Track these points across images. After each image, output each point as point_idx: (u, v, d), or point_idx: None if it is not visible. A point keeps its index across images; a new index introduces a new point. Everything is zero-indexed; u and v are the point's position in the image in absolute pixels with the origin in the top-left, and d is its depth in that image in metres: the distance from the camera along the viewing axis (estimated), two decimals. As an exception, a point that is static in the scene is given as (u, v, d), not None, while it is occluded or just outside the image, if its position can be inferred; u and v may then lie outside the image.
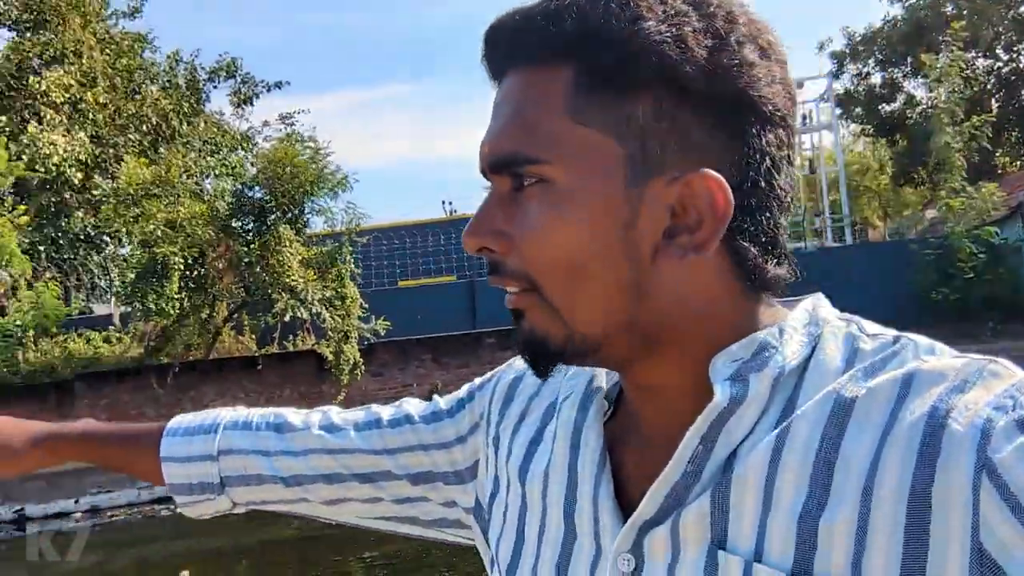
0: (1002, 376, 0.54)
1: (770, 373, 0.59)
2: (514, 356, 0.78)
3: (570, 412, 0.72)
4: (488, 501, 0.80)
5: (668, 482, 0.60)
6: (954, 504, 0.51)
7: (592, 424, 0.69)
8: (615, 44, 0.58)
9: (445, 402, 0.87)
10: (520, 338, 0.64)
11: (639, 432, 0.67)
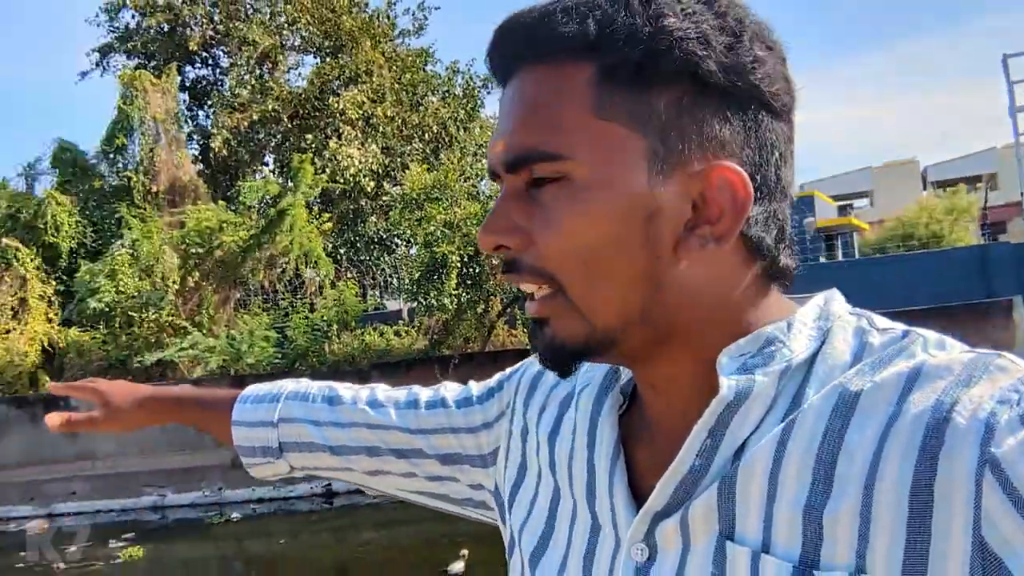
0: (1008, 371, 0.54)
1: (776, 367, 0.60)
2: None
3: (587, 404, 0.74)
4: (510, 489, 0.82)
5: (677, 475, 0.61)
6: (956, 498, 0.51)
7: (607, 418, 0.71)
8: (640, 40, 0.59)
9: (477, 388, 0.91)
10: (541, 345, 0.65)
11: (651, 426, 0.68)
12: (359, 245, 20.08)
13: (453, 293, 13.30)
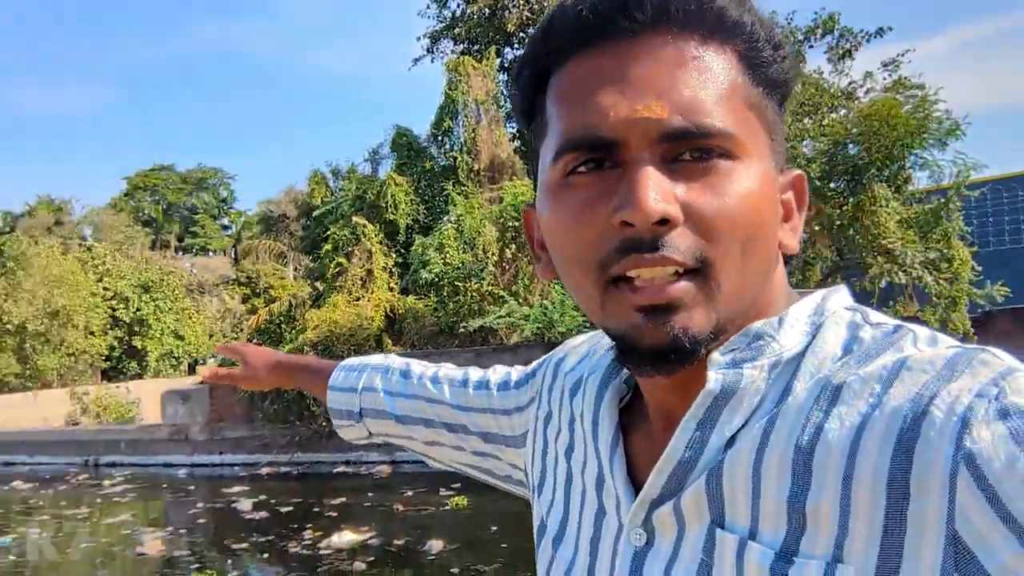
0: (990, 365, 0.53)
1: (764, 361, 0.61)
2: None
3: (592, 392, 0.76)
4: (538, 474, 0.84)
5: (668, 466, 0.63)
6: (931, 491, 0.51)
7: (606, 410, 0.73)
8: (768, 39, 0.61)
9: (517, 373, 0.95)
10: (667, 338, 0.59)
11: (650, 417, 0.70)
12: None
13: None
